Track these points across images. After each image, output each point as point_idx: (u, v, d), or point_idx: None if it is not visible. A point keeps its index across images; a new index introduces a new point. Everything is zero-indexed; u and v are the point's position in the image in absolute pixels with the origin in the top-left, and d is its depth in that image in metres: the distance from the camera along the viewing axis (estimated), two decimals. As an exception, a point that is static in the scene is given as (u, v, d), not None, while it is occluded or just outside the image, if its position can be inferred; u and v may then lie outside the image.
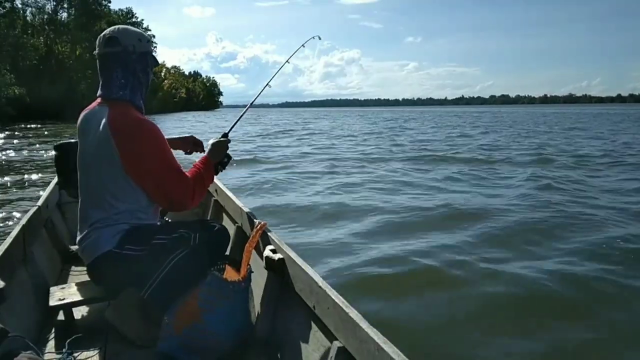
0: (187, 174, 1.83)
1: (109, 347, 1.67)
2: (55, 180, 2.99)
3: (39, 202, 2.51)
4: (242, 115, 2.41)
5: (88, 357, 1.62)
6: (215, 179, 2.79)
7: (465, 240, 4.43)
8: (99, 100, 1.83)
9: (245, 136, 19.86)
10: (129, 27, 1.90)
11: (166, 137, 2.22)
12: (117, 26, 1.88)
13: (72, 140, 2.42)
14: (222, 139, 2.08)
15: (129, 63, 1.78)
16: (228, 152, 2.10)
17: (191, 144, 2.27)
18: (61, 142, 2.59)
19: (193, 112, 78.70)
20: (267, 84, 2.62)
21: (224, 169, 2.13)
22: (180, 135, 2.29)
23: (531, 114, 59.68)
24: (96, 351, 1.65)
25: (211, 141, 2.06)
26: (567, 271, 3.64)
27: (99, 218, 1.75)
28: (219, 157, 2.04)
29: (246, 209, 2.33)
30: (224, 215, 2.86)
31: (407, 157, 11.62)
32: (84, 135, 1.82)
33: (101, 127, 1.72)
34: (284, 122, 34.39)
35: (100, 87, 1.82)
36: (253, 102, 2.57)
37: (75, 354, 1.58)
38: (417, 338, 2.68)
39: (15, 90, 34.29)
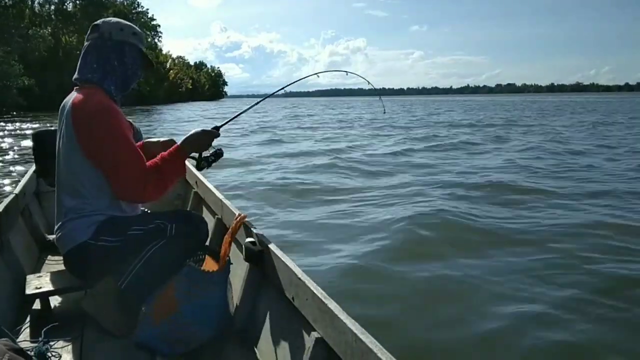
0: (148, 162, 1.71)
1: (85, 336, 1.67)
2: (33, 168, 2.98)
3: (16, 190, 2.49)
4: (241, 113, 2.15)
5: (64, 346, 1.62)
6: (195, 171, 2.69)
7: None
8: (76, 86, 1.82)
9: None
10: (118, 19, 1.89)
11: (149, 138, 2.10)
12: (108, 18, 1.89)
13: (51, 128, 2.41)
14: (208, 129, 1.82)
15: (103, 49, 1.76)
16: (221, 148, 1.88)
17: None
18: (39, 130, 2.58)
19: (198, 102, 78.26)
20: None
21: (210, 166, 1.88)
22: (161, 139, 2.03)
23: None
24: (73, 340, 1.65)
25: (194, 130, 1.81)
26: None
27: (71, 206, 1.72)
28: (197, 149, 1.82)
29: (226, 201, 2.30)
30: (203, 207, 2.83)
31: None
32: (59, 122, 1.80)
33: (66, 110, 1.71)
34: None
35: (76, 72, 1.79)
36: (253, 105, 2.30)
37: (52, 343, 1.56)
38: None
39: (25, 81, 34.49)
